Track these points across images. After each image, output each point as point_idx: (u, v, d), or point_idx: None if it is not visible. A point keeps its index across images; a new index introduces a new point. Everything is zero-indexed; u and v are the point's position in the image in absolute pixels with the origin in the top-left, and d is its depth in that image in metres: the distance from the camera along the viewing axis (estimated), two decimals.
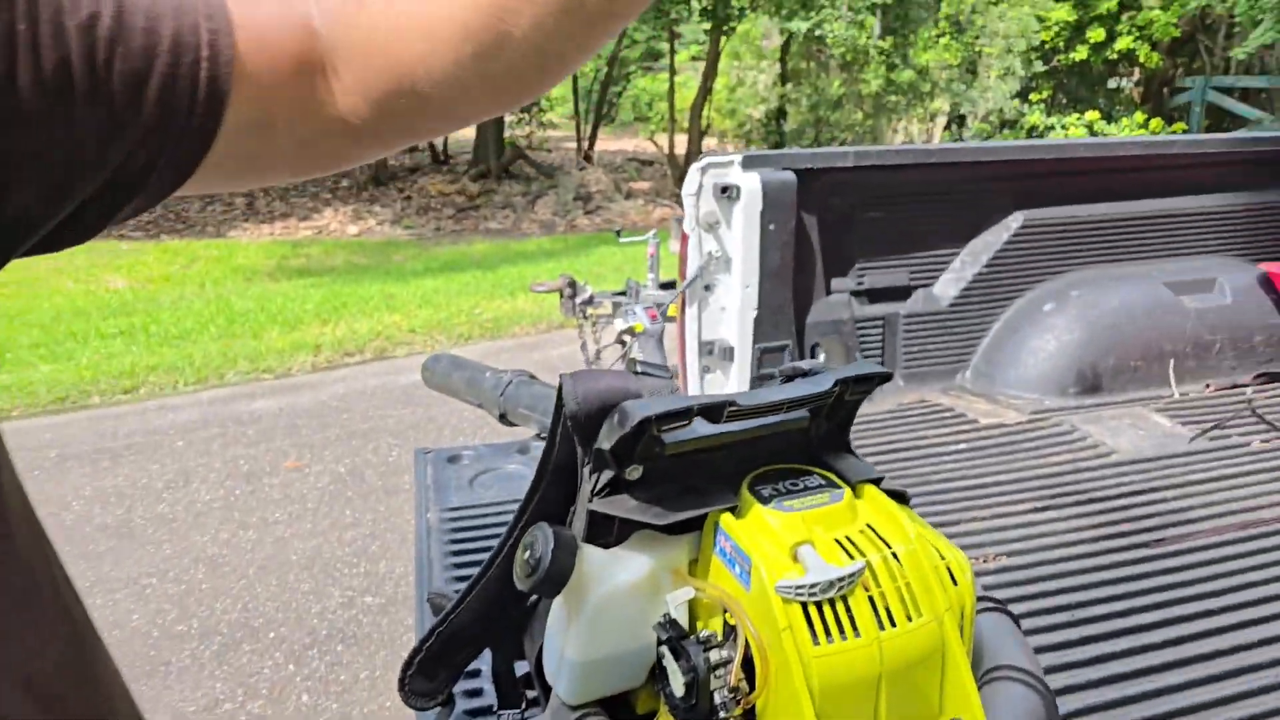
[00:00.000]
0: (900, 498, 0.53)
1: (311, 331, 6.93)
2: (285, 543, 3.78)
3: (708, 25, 12.86)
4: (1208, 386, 2.39)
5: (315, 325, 7.15)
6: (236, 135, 0.51)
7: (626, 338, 3.49)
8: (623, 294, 4.41)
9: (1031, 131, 12.27)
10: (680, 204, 2.60)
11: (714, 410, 0.49)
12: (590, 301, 4.39)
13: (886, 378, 0.54)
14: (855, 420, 0.56)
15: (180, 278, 9.42)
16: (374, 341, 6.64)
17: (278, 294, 8.34)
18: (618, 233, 5.01)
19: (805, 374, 0.56)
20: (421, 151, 17.44)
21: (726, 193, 2.40)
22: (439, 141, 16.59)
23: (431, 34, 0.52)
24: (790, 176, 2.32)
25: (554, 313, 6.84)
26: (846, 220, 2.46)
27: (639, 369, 0.76)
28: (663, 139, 14.84)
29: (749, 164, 2.36)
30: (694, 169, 2.41)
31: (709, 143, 16.08)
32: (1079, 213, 2.53)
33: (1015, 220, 2.49)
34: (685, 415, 0.48)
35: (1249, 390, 2.32)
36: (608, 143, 19.45)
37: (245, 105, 0.51)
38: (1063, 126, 11.97)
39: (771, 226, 2.39)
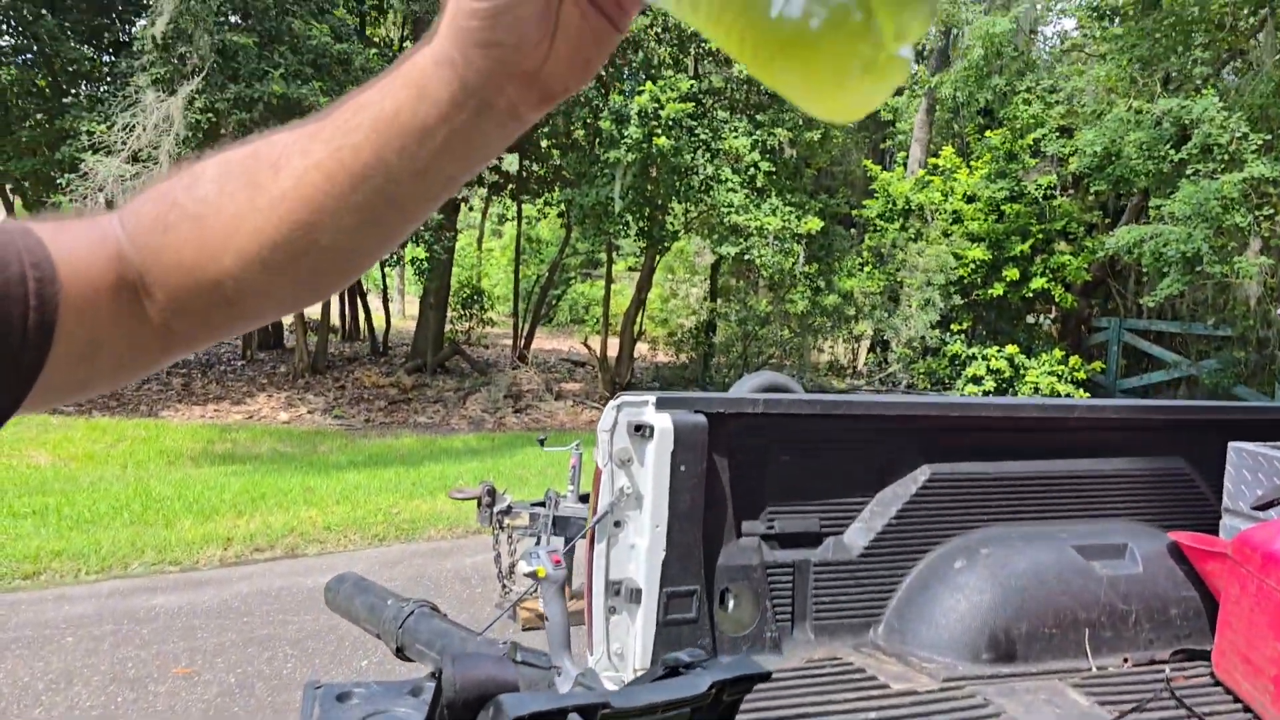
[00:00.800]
0: None
1: (225, 523, 6.77)
2: None
3: (644, 243, 13.48)
4: (1125, 661, 2.31)
5: (230, 516, 6.96)
6: (62, 365, 0.56)
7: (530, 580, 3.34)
8: (542, 504, 4.30)
9: (954, 360, 12.79)
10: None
11: (589, 711, 0.50)
12: (508, 511, 4.27)
13: (765, 678, 0.57)
14: (767, 679, 0.58)
15: (104, 456, 9.23)
16: (286, 538, 6.46)
17: (198, 480, 8.18)
18: (541, 441, 4.92)
19: (688, 666, 0.58)
20: (362, 342, 17.52)
21: (640, 431, 2.43)
22: (380, 333, 16.76)
23: (241, 251, 0.57)
24: (702, 419, 2.33)
25: (472, 518, 6.65)
26: (757, 463, 2.44)
27: (519, 657, 0.76)
28: (596, 342, 15.15)
29: (662, 405, 2.37)
30: (610, 407, 2.41)
31: (641, 348, 16.47)
32: (985, 469, 2.53)
33: (923, 473, 2.48)
34: (559, 716, 0.49)
35: (1168, 669, 2.24)
36: (544, 341, 19.81)
37: (69, 340, 0.56)
38: (983, 357, 12.52)
39: (683, 467, 2.39)
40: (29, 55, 12.25)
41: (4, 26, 12.00)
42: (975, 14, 13.60)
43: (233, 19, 11.32)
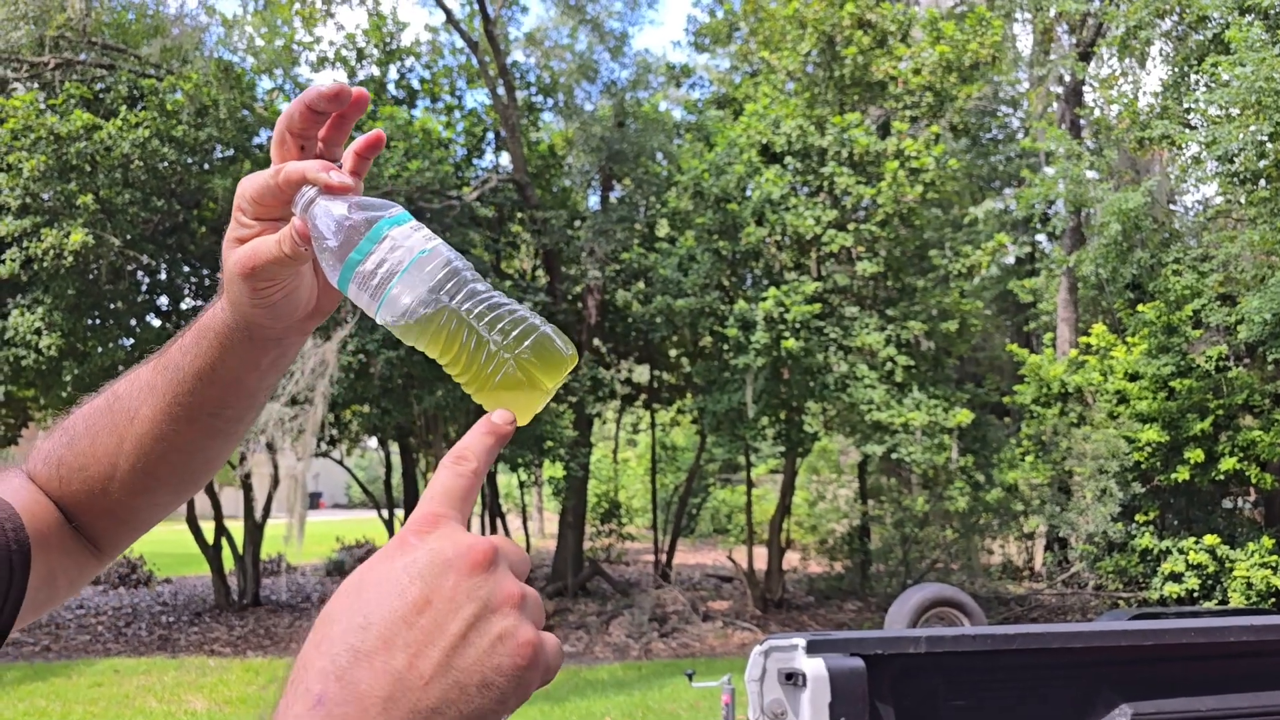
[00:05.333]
0: None
1: None
2: None
3: (783, 446, 13.11)
4: None
5: None
6: (31, 594, 0.72)
7: None
8: None
9: (1145, 555, 11.45)
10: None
11: None
12: None
13: None
14: None
15: (256, 699, 9.37)
16: None
17: None
18: (689, 675, 4.84)
19: None
20: None
21: (792, 679, 2.17)
22: None
23: (122, 480, 0.77)
24: (859, 664, 2.04)
25: None
26: (927, 710, 2.13)
27: None
28: (741, 554, 14.48)
29: (814, 648, 2.10)
30: (756, 652, 2.23)
31: (791, 558, 15.64)
32: (1198, 706, 2.07)
33: (1123, 715, 2.05)
34: None
35: None
36: (686, 555, 19.21)
37: (34, 572, 0.73)
38: (1180, 551, 11.15)
39: None
40: None
41: (186, 290, 13.37)
42: (1105, 191, 13.28)
43: None
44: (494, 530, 18.02)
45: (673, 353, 14.85)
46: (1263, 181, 11.96)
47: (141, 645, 11.96)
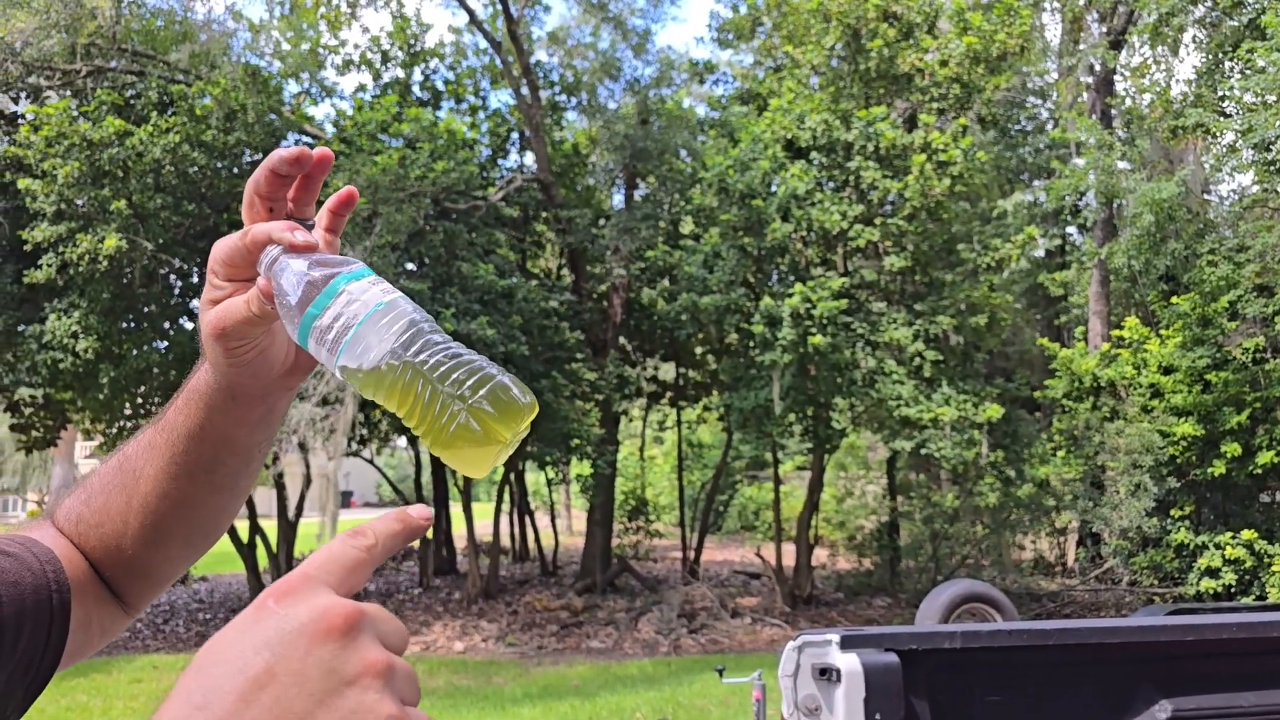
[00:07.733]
0: None
1: None
2: None
3: (810, 443, 13.04)
4: None
5: None
6: (70, 637, 0.76)
7: None
8: None
9: (1181, 550, 11.28)
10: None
11: None
12: None
13: None
14: None
15: None
16: None
17: None
18: (720, 670, 4.81)
19: None
20: (532, 562, 17.56)
21: (825, 675, 2.12)
22: (549, 552, 16.76)
23: (134, 536, 0.81)
24: (893, 659, 1.98)
25: None
26: (963, 707, 2.06)
27: None
28: (769, 550, 14.44)
29: (848, 644, 2.03)
30: (790, 647, 2.22)
31: (820, 554, 15.57)
32: (1239, 701, 2.01)
33: (1163, 711, 2.00)
34: None
35: None
36: (714, 551, 19.18)
37: (74, 617, 0.76)
38: (1216, 546, 10.98)
39: (878, 716, 2.01)
40: None
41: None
42: (1137, 181, 13.08)
43: (409, 266, 12.35)
44: (521, 529, 18.09)
45: (698, 350, 14.82)
46: None
47: (179, 642, 12.14)
